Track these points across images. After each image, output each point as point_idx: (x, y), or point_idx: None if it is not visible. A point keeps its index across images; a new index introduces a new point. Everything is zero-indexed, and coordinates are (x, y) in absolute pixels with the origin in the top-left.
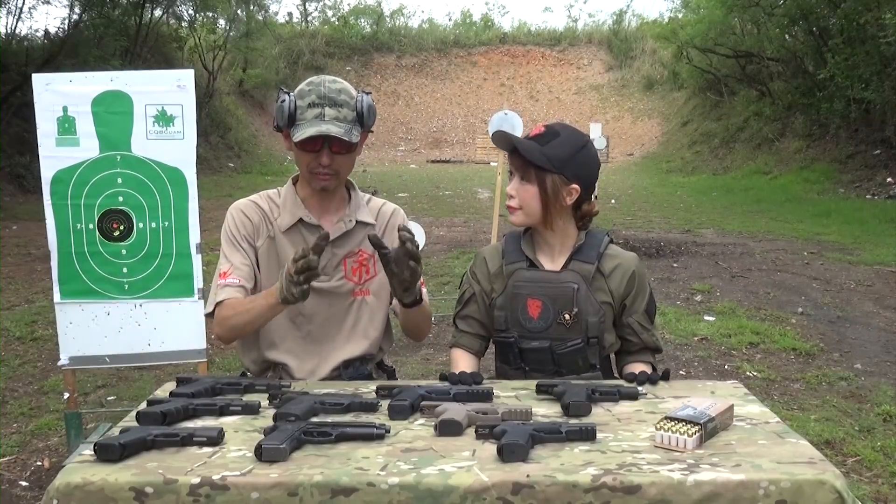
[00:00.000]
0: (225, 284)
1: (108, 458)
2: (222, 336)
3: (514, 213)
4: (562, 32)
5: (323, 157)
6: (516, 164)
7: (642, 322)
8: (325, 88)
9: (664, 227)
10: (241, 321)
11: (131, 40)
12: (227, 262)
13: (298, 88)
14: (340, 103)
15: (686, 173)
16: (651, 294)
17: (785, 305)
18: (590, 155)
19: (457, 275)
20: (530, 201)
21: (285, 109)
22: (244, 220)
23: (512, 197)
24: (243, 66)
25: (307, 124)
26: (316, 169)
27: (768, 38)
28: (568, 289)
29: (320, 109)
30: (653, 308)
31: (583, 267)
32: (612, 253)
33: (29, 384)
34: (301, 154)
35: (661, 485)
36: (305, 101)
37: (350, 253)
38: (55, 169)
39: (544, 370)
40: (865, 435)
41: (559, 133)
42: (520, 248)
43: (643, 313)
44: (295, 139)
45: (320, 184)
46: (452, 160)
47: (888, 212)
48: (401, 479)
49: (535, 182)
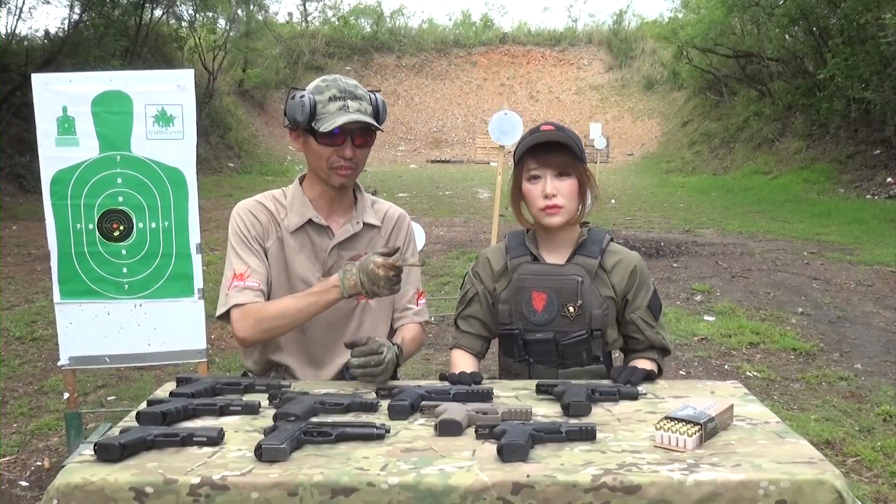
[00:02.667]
0: (244, 287)
1: (108, 458)
2: (249, 338)
3: (559, 213)
4: (562, 32)
5: (346, 149)
6: (556, 161)
7: (645, 318)
8: (343, 83)
9: (664, 227)
10: (283, 323)
11: (131, 40)
12: (242, 263)
13: (313, 85)
14: (360, 97)
15: (686, 173)
16: (655, 292)
17: (785, 305)
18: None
19: (457, 275)
20: (572, 196)
21: (306, 105)
22: (253, 220)
23: (555, 196)
24: (243, 66)
25: (333, 115)
26: (337, 163)
27: (768, 38)
28: (572, 281)
29: (343, 102)
30: (656, 305)
31: (586, 261)
32: (614, 249)
33: (29, 384)
34: (321, 149)
35: (661, 485)
36: (325, 96)
37: (356, 256)
38: (55, 169)
39: (548, 361)
40: (865, 435)
41: (563, 126)
42: (524, 244)
43: (646, 309)
44: (323, 129)
45: (340, 179)
46: (452, 160)
47: (888, 212)
48: (401, 479)
49: (575, 175)
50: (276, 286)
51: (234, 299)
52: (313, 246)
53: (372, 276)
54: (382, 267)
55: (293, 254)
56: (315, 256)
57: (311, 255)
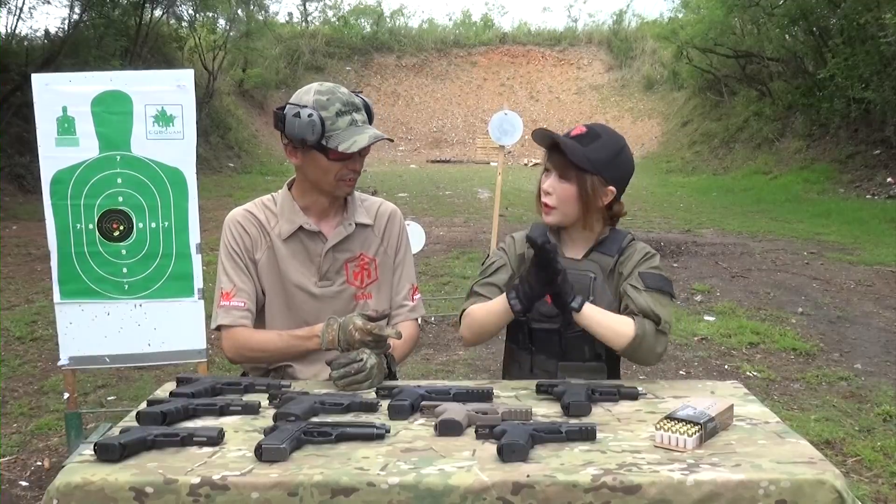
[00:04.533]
0: (230, 307)
1: (108, 458)
2: (234, 360)
3: (550, 213)
4: (562, 32)
5: (357, 163)
6: (556, 162)
7: (633, 283)
8: (342, 95)
9: (664, 227)
10: (263, 356)
11: (131, 40)
12: (229, 281)
13: (312, 99)
14: (358, 106)
15: (686, 173)
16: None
17: (785, 305)
18: (627, 158)
19: (457, 275)
20: (568, 200)
21: (317, 123)
22: (242, 233)
23: (549, 194)
24: (243, 66)
25: (347, 133)
26: (347, 176)
27: (768, 38)
28: (585, 277)
29: (350, 116)
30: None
31: (603, 258)
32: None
33: (29, 384)
34: (331, 165)
35: (661, 485)
36: (332, 111)
37: (351, 258)
38: (55, 169)
39: (550, 352)
40: (865, 435)
41: (600, 135)
42: (545, 235)
43: (637, 276)
44: (347, 150)
45: (348, 189)
46: (452, 160)
47: (888, 212)
48: (401, 479)
49: (575, 182)
50: (272, 295)
51: (220, 319)
52: (307, 252)
53: (349, 337)
54: (360, 331)
55: (286, 261)
56: (310, 262)
57: (305, 260)
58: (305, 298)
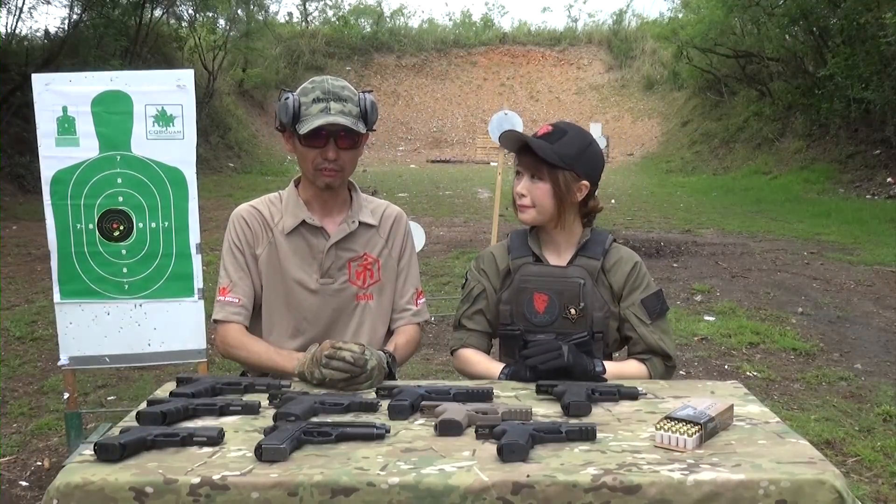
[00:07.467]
0: (225, 302)
1: (108, 458)
2: (221, 354)
3: (526, 212)
4: (562, 32)
5: (329, 151)
6: (527, 163)
7: (638, 314)
8: (328, 85)
9: (664, 227)
10: (247, 361)
11: (131, 40)
12: (226, 276)
13: (301, 87)
14: (345, 98)
15: (686, 173)
16: (658, 295)
17: (785, 305)
18: (597, 151)
19: (457, 275)
20: (543, 199)
21: (289, 106)
22: (244, 227)
23: (523, 196)
24: (243, 66)
25: (314, 117)
26: (321, 164)
27: (768, 38)
28: (574, 284)
29: (325, 104)
30: (654, 305)
31: (589, 262)
32: (616, 249)
33: (29, 384)
34: (306, 150)
35: (661, 485)
36: (310, 98)
37: (355, 257)
38: (55, 169)
39: None
40: (865, 435)
41: (566, 131)
42: (526, 244)
43: (639, 305)
44: (301, 132)
45: (325, 180)
46: (452, 160)
47: (888, 212)
48: (401, 479)
49: (548, 180)
50: (271, 290)
51: (216, 314)
52: (309, 248)
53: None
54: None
55: (287, 257)
56: (312, 258)
57: (306, 256)
58: (305, 295)
